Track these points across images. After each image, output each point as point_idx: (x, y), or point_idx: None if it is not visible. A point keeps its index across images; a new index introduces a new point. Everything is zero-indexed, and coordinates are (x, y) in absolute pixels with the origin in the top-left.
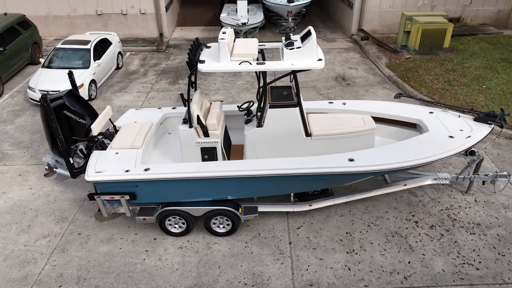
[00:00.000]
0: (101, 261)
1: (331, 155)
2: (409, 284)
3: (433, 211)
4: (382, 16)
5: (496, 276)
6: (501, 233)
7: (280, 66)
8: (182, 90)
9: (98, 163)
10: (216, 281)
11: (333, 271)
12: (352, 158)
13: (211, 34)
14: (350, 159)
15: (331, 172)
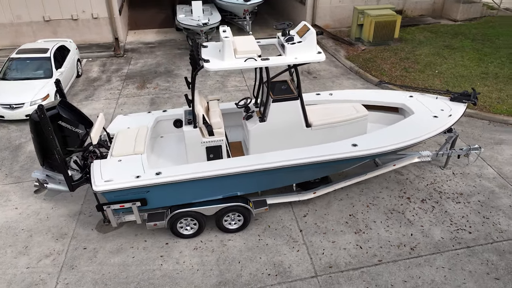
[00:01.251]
0: (116, 272)
1: (336, 143)
2: (416, 254)
3: (420, 187)
4: (333, 11)
5: (486, 237)
6: (481, 199)
7: (284, 61)
8: (152, 94)
9: (103, 172)
10: (239, 275)
11: (347, 251)
12: (355, 143)
13: (167, 36)
14: (354, 144)
15: (340, 158)
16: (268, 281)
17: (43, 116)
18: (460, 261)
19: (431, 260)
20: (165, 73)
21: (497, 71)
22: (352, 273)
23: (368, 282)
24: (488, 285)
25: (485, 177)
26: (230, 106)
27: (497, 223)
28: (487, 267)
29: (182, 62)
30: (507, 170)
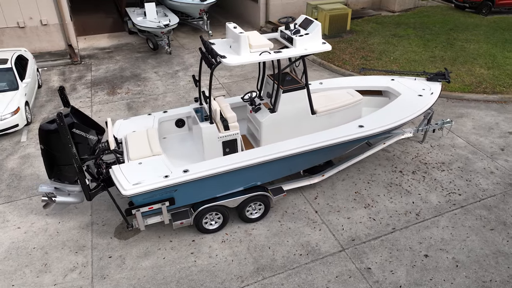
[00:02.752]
0: (152, 275)
1: (345, 125)
2: (422, 218)
3: (408, 161)
4: (285, 7)
5: (474, 196)
6: (460, 166)
7: (295, 52)
8: (126, 99)
9: (128, 176)
10: (273, 260)
11: (363, 224)
12: (361, 125)
13: (121, 40)
14: (360, 125)
15: (351, 139)
16: (301, 260)
17: (63, 124)
18: (459, 219)
19: (436, 222)
20: (132, 77)
21: (442, 54)
22: (373, 242)
23: (389, 248)
24: (486, 236)
25: (457, 146)
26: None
27: (479, 184)
28: (481, 221)
29: (146, 65)
30: (473, 138)
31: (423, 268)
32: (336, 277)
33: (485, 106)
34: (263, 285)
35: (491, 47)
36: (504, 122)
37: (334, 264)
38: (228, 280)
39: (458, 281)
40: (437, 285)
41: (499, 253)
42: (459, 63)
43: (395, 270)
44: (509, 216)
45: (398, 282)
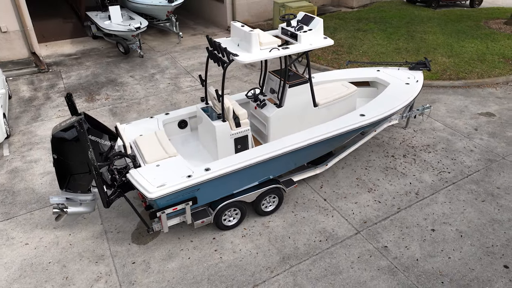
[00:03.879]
0: (181, 275)
1: (347, 115)
2: (421, 197)
3: (396, 145)
4: (250, 6)
5: (461, 173)
6: (444, 147)
7: (302, 48)
8: (108, 105)
9: (149, 179)
10: (296, 248)
11: (370, 207)
12: (363, 114)
13: (86, 45)
14: (361, 114)
15: (356, 127)
16: (323, 246)
17: (83, 131)
18: (454, 195)
19: (434, 199)
20: (108, 82)
21: (405, 45)
22: (383, 223)
23: (399, 227)
24: (480, 207)
25: (437, 129)
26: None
27: (463, 162)
28: (473, 195)
29: (120, 70)
30: (449, 121)
31: (433, 241)
32: (358, 258)
33: (453, 92)
34: (292, 273)
35: (447, 37)
36: (472, 104)
37: (353, 246)
38: (257, 272)
39: (465, 249)
40: (448, 254)
41: (493, 221)
42: (422, 53)
43: (409, 246)
44: (495, 188)
45: (414, 256)
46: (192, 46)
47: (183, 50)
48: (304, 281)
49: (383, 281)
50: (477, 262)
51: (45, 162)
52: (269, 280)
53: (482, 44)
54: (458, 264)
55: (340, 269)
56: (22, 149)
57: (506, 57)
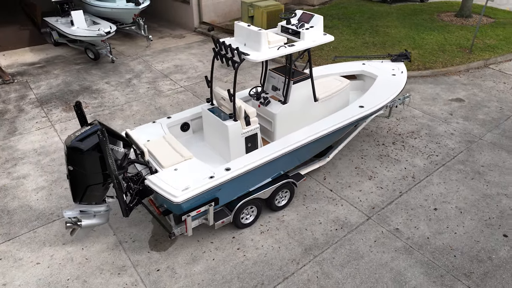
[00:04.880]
0: (210, 277)
1: (348, 107)
2: (418, 180)
3: (384, 134)
4: (216, 6)
5: (448, 155)
6: (427, 132)
7: (306, 45)
8: (88, 114)
9: (172, 184)
10: (315, 239)
11: (374, 194)
12: (361, 105)
13: (49, 53)
14: (360, 106)
15: (358, 118)
16: (340, 234)
17: (105, 140)
18: (446, 175)
19: (429, 180)
20: (83, 90)
21: (372, 40)
22: (390, 207)
23: (405, 209)
24: (470, 185)
25: (417, 117)
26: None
27: (447, 145)
28: (462, 174)
29: (93, 77)
30: (426, 108)
31: (437, 219)
32: (374, 242)
33: (423, 81)
34: (317, 263)
35: (408, 30)
36: (442, 92)
37: (368, 231)
38: (284, 265)
39: (467, 224)
40: (454, 230)
41: (485, 196)
42: (388, 46)
43: (417, 226)
44: (480, 166)
45: (424, 235)
46: (163, 49)
47: (154, 53)
48: (330, 269)
49: (403, 260)
50: (480, 234)
51: (35, 177)
52: (297, 271)
53: (439, 36)
54: (464, 238)
55: (361, 254)
56: (5, 165)
57: (462, 47)
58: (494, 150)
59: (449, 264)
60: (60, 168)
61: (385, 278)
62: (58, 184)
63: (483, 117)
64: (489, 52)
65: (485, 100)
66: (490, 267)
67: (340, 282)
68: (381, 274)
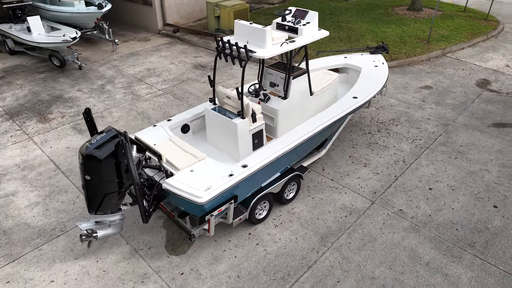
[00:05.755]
0: (236, 274)
1: (342, 99)
2: (408, 163)
3: (368, 123)
4: (179, 8)
5: (429, 138)
6: (406, 118)
7: (305, 40)
8: (66, 123)
9: (193, 185)
10: (329, 227)
11: (373, 179)
12: (355, 96)
13: (6, 63)
14: (354, 96)
15: (355, 108)
16: (350, 220)
17: (129, 145)
18: (432, 157)
19: (419, 163)
20: (55, 100)
21: (338, 35)
22: (389, 190)
23: (403, 191)
24: (455, 164)
25: (394, 105)
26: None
27: (427, 129)
28: (446, 155)
29: (62, 85)
30: (400, 97)
31: (434, 198)
32: (383, 224)
33: (391, 71)
34: (336, 249)
35: (368, 25)
36: (411, 80)
37: (375, 215)
38: (305, 255)
39: (461, 199)
40: (451, 206)
41: (470, 173)
42: (354, 40)
43: (418, 205)
44: (459, 146)
45: (426, 213)
46: (130, 53)
47: (122, 58)
48: (349, 254)
49: (412, 238)
50: (474, 208)
51: (25, 193)
52: (319, 259)
53: (398, 29)
54: (461, 212)
55: (374, 237)
56: None
57: (420, 38)
58: (468, 131)
59: (453, 237)
60: (50, 182)
61: (401, 256)
62: (53, 198)
63: (452, 102)
64: (444, 42)
65: (450, 86)
66: (489, 236)
67: (361, 265)
68: (396, 253)
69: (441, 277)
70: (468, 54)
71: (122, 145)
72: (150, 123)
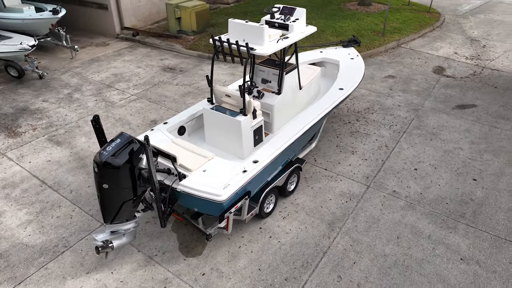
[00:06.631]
0: (256, 268)
1: (330, 91)
2: (391, 148)
3: (345, 113)
4: (136, 11)
5: (404, 124)
6: (379, 107)
7: (297, 36)
8: (41, 136)
9: (210, 184)
10: (333, 213)
11: (362, 165)
12: (341, 88)
13: None
14: (340, 88)
15: (343, 99)
16: (351, 205)
17: (151, 149)
18: (410, 140)
19: (400, 147)
20: (20, 112)
21: None
22: (380, 174)
23: (392, 174)
24: (432, 144)
25: (365, 95)
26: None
27: (400, 115)
28: (422, 137)
29: (24, 97)
30: (369, 87)
31: (421, 177)
32: (382, 205)
33: None
34: (344, 232)
35: (325, 20)
36: (375, 71)
37: (372, 198)
38: (318, 241)
39: (444, 176)
40: (437, 183)
41: (446, 152)
42: (315, 36)
43: (409, 185)
44: (432, 128)
45: (417, 191)
46: (91, 59)
47: (84, 64)
48: (358, 236)
49: (411, 215)
50: (457, 182)
51: (13, 212)
52: (331, 245)
53: (353, 23)
54: (447, 188)
55: (376, 218)
56: None
57: (375, 31)
58: (436, 114)
59: (446, 211)
60: (39, 198)
61: (404, 233)
62: (46, 215)
63: (416, 89)
64: (397, 34)
65: (411, 74)
66: (475, 206)
67: (371, 245)
68: (400, 231)
69: (443, 247)
70: (419, 44)
71: (136, 151)
72: (131, 129)
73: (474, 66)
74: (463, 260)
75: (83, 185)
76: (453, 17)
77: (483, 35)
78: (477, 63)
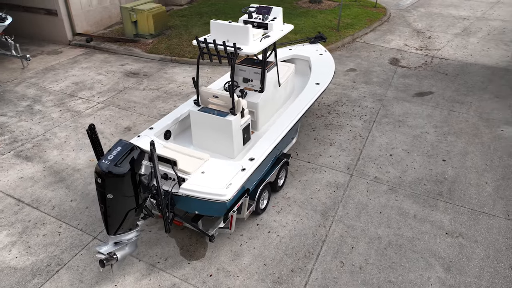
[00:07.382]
0: (262, 263)
1: (307, 87)
2: (365, 137)
3: (317, 107)
4: (87, 16)
5: (372, 112)
6: (347, 99)
7: (278, 35)
8: (6, 152)
9: (213, 185)
10: (324, 203)
11: (342, 155)
12: (317, 82)
13: None
14: (317, 83)
15: (321, 93)
16: (339, 194)
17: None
18: (381, 129)
19: (373, 135)
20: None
21: None
22: (360, 162)
23: (371, 161)
24: (402, 131)
25: (331, 88)
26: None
27: (367, 106)
28: (391, 125)
29: None
30: (334, 80)
31: (397, 162)
32: (367, 191)
33: None
34: (338, 220)
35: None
36: (337, 65)
37: (358, 185)
38: (315, 231)
39: (417, 159)
40: (412, 166)
41: (415, 136)
42: None
43: (387, 170)
44: (398, 116)
45: (396, 175)
46: (45, 68)
47: (38, 74)
48: (351, 222)
49: (394, 199)
50: (430, 164)
51: None
52: (328, 232)
53: (308, 20)
54: (422, 170)
55: (364, 204)
56: None
57: (329, 27)
58: (399, 102)
59: (424, 191)
60: (18, 217)
61: (392, 215)
62: (30, 234)
63: (376, 80)
64: (351, 29)
65: (370, 67)
66: (449, 184)
67: (365, 229)
68: (388, 213)
69: (429, 225)
70: (372, 37)
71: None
72: (105, 137)
73: (424, 56)
74: (448, 234)
75: (65, 200)
76: (397, 11)
77: (426, 27)
78: (427, 53)
